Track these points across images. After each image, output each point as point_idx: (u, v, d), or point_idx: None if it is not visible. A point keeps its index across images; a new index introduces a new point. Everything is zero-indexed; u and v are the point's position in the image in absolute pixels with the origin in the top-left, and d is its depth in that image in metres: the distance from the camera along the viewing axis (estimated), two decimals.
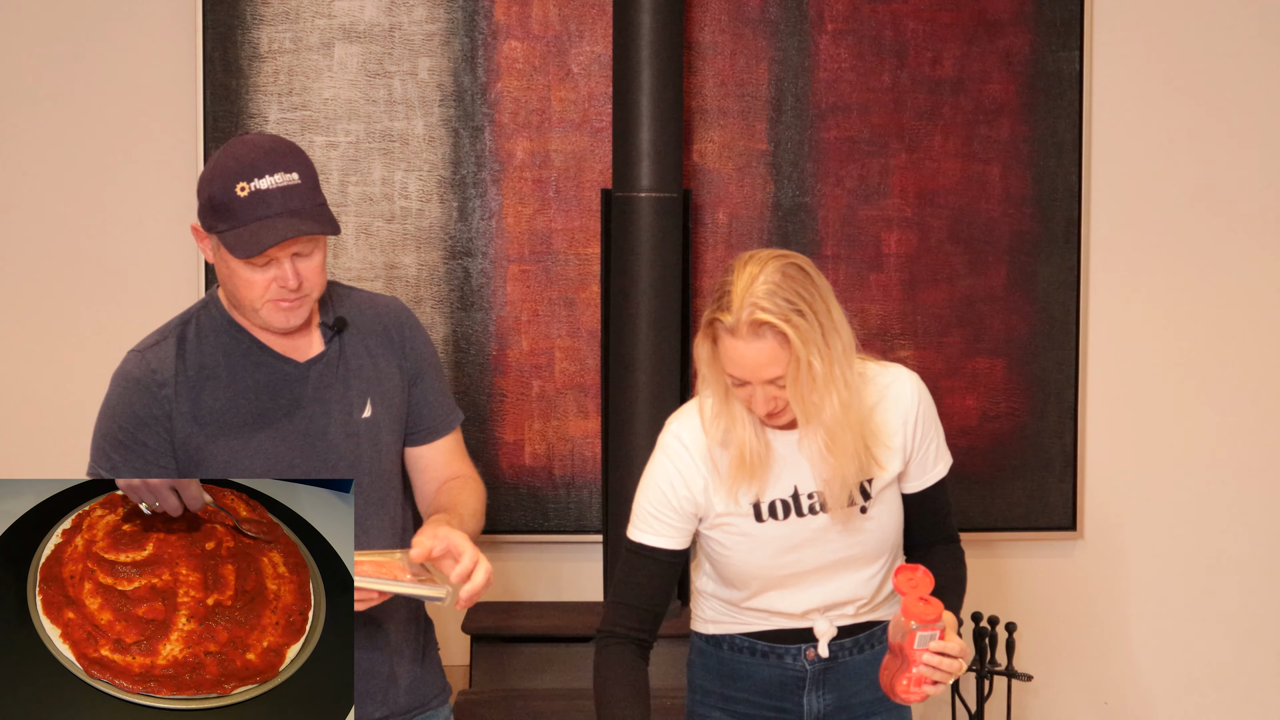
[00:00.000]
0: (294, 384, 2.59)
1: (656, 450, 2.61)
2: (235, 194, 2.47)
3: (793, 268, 2.48)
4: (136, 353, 2.62)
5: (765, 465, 2.54)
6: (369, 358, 2.66)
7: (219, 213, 2.49)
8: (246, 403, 2.57)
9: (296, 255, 2.51)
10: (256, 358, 2.59)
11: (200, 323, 2.62)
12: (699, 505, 2.58)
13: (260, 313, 2.54)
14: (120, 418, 2.58)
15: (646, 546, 2.59)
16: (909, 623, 2.42)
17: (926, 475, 2.64)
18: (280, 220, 2.47)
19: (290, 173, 2.50)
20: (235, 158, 2.49)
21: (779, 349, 2.43)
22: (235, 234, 2.47)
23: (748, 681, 2.67)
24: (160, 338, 2.62)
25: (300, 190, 2.49)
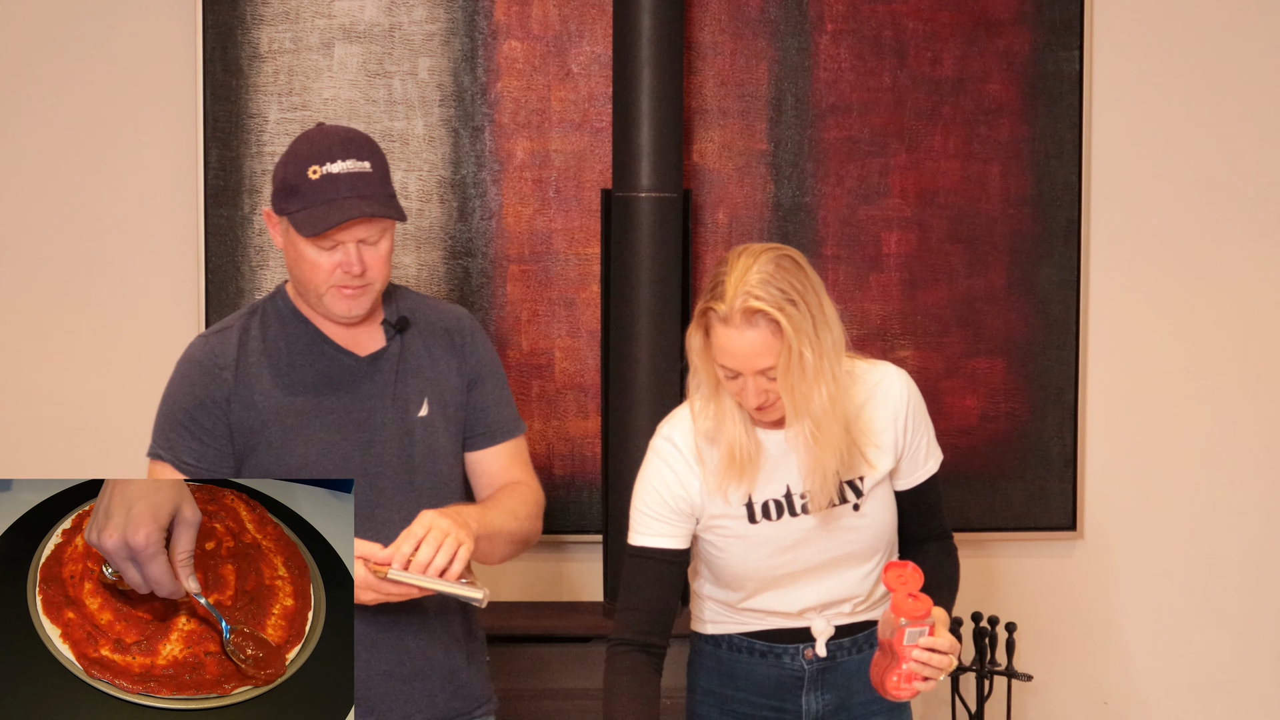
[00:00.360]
0: (353, 376, 2.65)
1: (649, 454, 2.62)
2: (307, 176, 2.55)
3: (786, 259, 2.49)
4: (202, 337, 2.69)
5: (755, 463, 2.55)
6: (429, 358, 2.70)
7: (290, 194, 2.57)
8: (304, 392, 2.62)
9: (362, 242, 2.58)
10: (318, 348, 2.65)
11: (266, 312, 2.69)
12: (694, 505, 2.59)
13: (324, 299, 2.60)
14: (181, 399, 2.64)
15: (648, 549, 2.60)
16: (898, 619, 2.42)
17: (918, 472, 2.65)
18: (347, 202, 2.54)
19: (362, 161, 2.58)
20: (310, 143, 2.59)
21: (771, 338, 2.44)
22: (304, 214, 2.55)
23: (746, 681, 2.67)
24: (226, 324, 2.69)
25: (370, 178, 2.57)
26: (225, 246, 3.85)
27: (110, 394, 3.89)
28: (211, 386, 2.61)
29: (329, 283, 2.58)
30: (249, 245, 3.85)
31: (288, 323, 2.66)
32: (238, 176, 3.85)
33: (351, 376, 2.64)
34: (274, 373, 2.63)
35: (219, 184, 3.85)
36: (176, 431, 2.63)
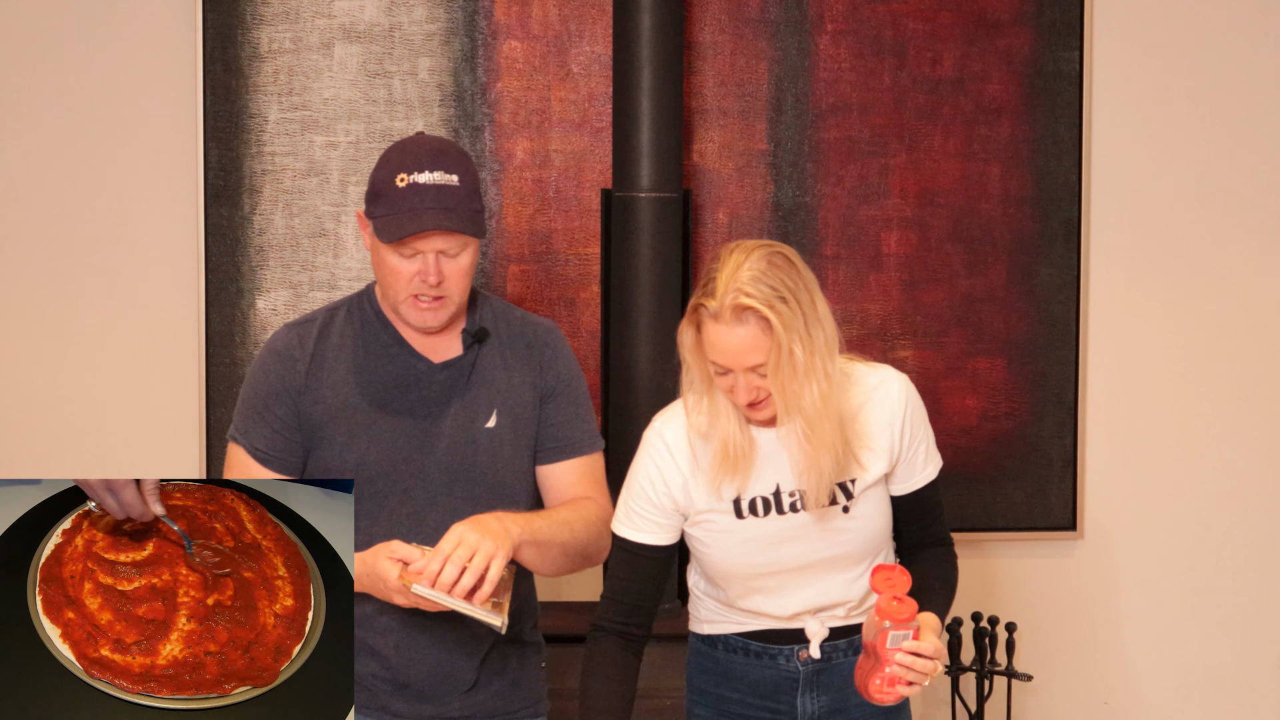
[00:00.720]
0: (423, 382, 2.67)
1: (641, 446, 2.63)
2: (394, 184, 2.58)
3: (778, 256, 2.49)
4: (286, 327, 2.73)
5: (749, 460, 2.55)
6: (504, 370, 2.71)
7: (377, 199, 2.60)
8: (373, 391, 2.65)
9: (442, 254, 2.59)
10: (393, 350, 2.67)
11: (351, 309, 2.72)
12: (679, 503, 2.59)
13: (401, 307, 2.63)
14: (258, 385, 2.68)
15: (631, 542, 2.62)
16: (882, 621, 2.41)
17: (915, 478, 2.64)
18: (428, 213, 2.57)
19: (451, 174, 2.60)
20: (402, 151, 2.62)
21: (761, 335, 2.44)
22: (385, 220, 2.58)
23: (741, 682, 2.67)
24: (311, 317, 2.72)
25: (457, 192, 2.59)
26: (225, 246, 3.85)
27: (110, 394, 3.89)
28: (287, 377, 2.65)
29: (407, 291, 2.61)
30: (249, 245, 3.85)
31: (369, 322, 2.69)
32: (238, 176, 3.85)
33: (422, 381, 2.66)
34: (347, 370, 2.66)
35: (219, 184, 3.85)
36: (252, 418, 2.67)
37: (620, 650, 2.61)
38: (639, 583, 2.62)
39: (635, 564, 2.62)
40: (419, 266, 2.59)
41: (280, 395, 2.65)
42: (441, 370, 2.67)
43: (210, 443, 3.85)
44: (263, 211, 3.86)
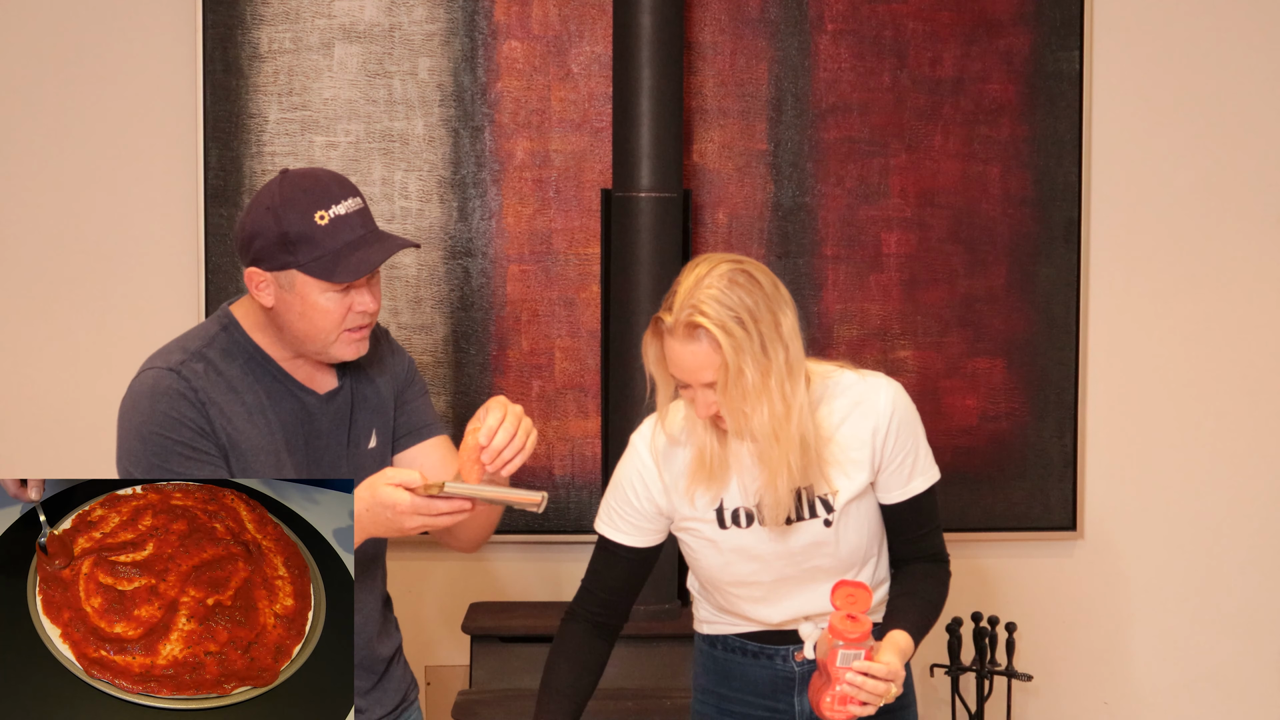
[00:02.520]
0: (314, 416, 2.58)
1: (627, 450, 2.65)
2: (315, 223, 2.44)
3: (741, 274, 2.44)
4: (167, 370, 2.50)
5: (724, 469, 2.53)
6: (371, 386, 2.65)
7: (296, 244, 2.44)
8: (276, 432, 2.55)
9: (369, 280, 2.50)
10: (285, 387, 2.56)
11: (223, 346, 2.55)
12: (662, 507, 2.59)
13: (333, 348, 2.51)
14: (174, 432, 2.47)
15: (608, 540, 2.63)
16: (834, 640, 2.39)
17: (904, 488, 2.59)
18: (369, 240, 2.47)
19: (356, 198, 2.51)
20: (298, 189, 2.46)
21: (712, 353, 2.42)
22: (323, 262, 2.44)
23: (741, 681, 2.67)
24: (184, 356, 2.52)
25: (367, 213, 2.51)
26: (225, 246, 3.85)
27: (110, 394, 3.87)
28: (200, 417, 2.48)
29: (340, 327, 2.49)
30: None
31: (252, 360, 2.55)
32: (238, 176, 3.85)
33: (313, 416, 2.58)
34: (247, 414, 2.53)
35: (219, 184, 3.85)
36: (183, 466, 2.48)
37: (588, 635, 2.62)
38: (616, 580, 2.64)
39: (613, 562, 2.63)
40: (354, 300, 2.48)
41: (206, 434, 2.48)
42: (328, 401, 2.59)
43: None
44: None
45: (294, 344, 2.53)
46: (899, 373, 3.90)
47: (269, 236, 2.45)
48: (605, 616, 2.63)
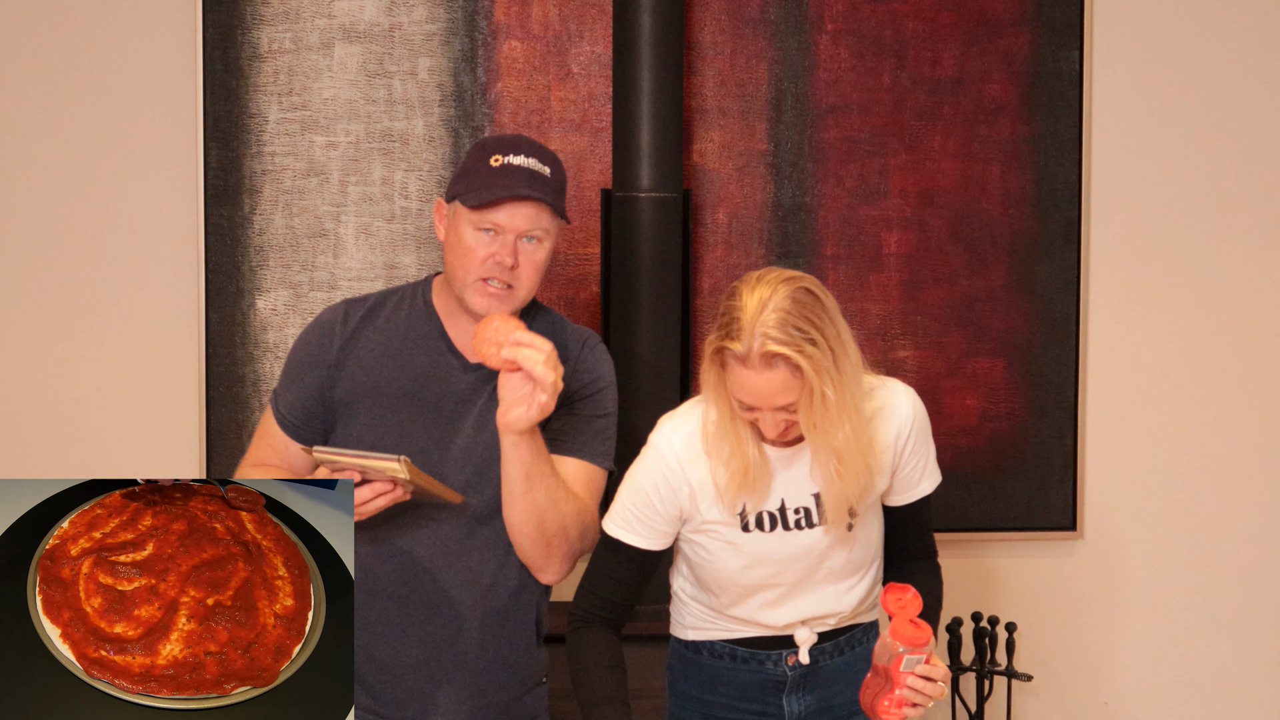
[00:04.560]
0: (452, 378, 2.67)
1: (647, 450, 2.60)
2: (488, 163, 2.62)
3: (803, 292, 2.42)
4: (341, 302, 2.76)
5: (766, 480, 2.54)
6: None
7: (466, 177, 2.63)
8: (404, 379, 2.67)
9: (521, 238, 2.60)
10: (430, 343, 2.69)
11: (404, 296, 2.75)
12: (684, 510, 2.58)
13: (468, 291, 2.62)
14: (297, 352, 2.74)
15: (622, 543, 2.60)
16: (897, 645, 2.41)
17: (912, 491, 2.62)
18: (520, 186, 2.58)
19: (544, 165, 2.64)
20: (499, 139, 2.66)
21: (791, 378, 2.40)
22: (473, 192, 2.60)
23: (728, 687, 2.66)
24: (365, 297, 2.76)
25: (548, 181, 2.63)
26: (225, 246, 3.85)
27: (110, 393, 3.89)
28: (321, 348, 2.69)
29: (478, 273, 2.60)
30: (249, 245, 3.85)
31: (417, 310, 2.71)
32: (238, 176, 3.85)
33: (451, 377, 2.67)
34: (382, 353, 2.68)
35: (219, 184, 3.85)
36: (285, 383, 2.73)
37: (609, 634, 2.61)
38: (624, 583, 2.61)
39: (623, 565, 2.61)
40: (496, 247, 2.59)
41: (312, 365, 2.69)
42: (473, 371, 2.67)
43: (210, 443, 3.84)
44: (263, 211, 3.86)
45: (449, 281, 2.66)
46: (899, 373, 3.90)
47: (456, 173, 2.67)
48: (613, 617, 2.62)
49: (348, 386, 2.67)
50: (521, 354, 2.47)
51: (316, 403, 2.69)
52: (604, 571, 2.62)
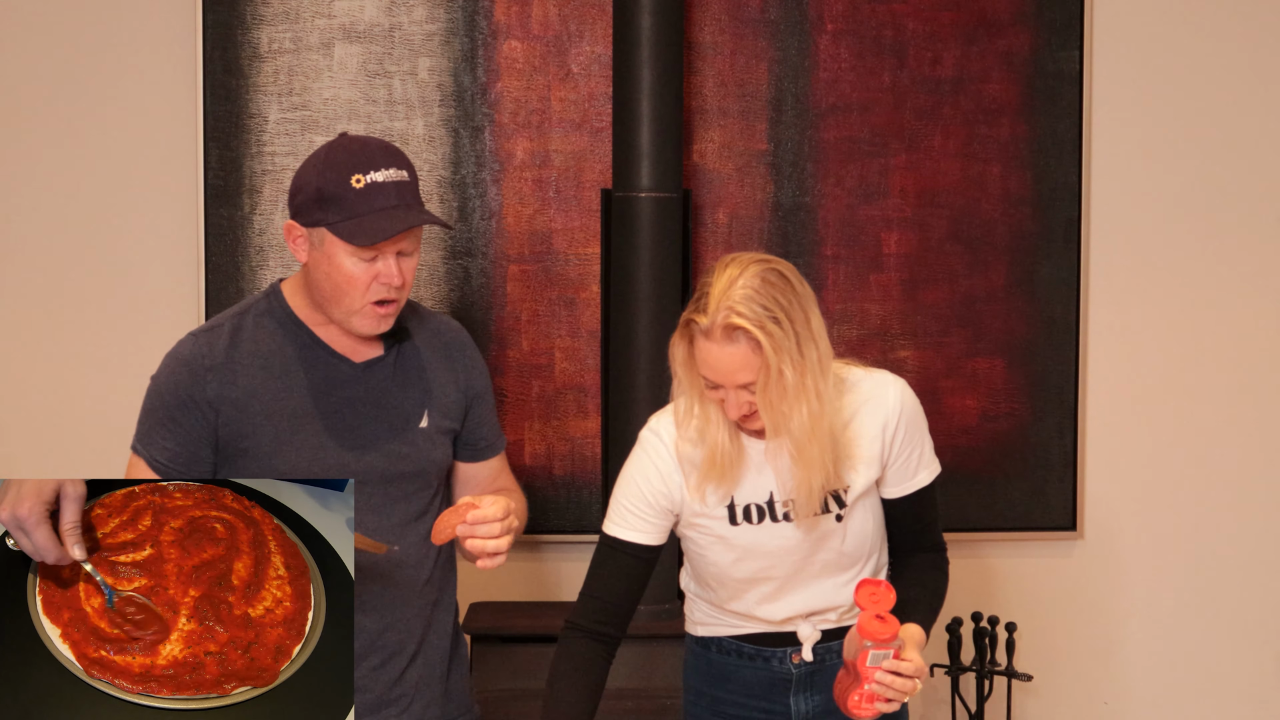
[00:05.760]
0: (348, 383, 2.61)
1: (636, 446, 2.62)
2: (350, 185, 2.49)
3: (773, 274, 2.46)
4: (191, 335, 2.61)
5: (736, 468, 2.54)
6: (428, 369, 2.67)
7: (329, 204, 2.50)
8: (297, 396, 2.58)
9: (400, 254, 2.53)
10: (313, 353, 2.60)
11: (260, 312, 2.62)
12: (675, 501, 2.58)
13: (354, 318, 2.55)
14: (165, 394, 2.57)
15: (620, 541, 2.60)
16: (863, 640, 2.40)
17: (908, 482, 2.62)
18: (398, 211, 2.50)
19: (401, 170, 2.54)
20: (346, 152, 2.52)
21: (752, 354, 2.43)
22: (350, 224, 2.49)
23: (736, 683, 2.67)
24: (216, 323, 2.62)
25: (410, 187, 2.54)
26: (225, 246, 3.85)
27: (110, 393, 3.89)
28: (194, 387, 2.55)
29: (365, 298, 2.52)
30: (249, 245, 3.86)
31: (283, 325, 2.60)
32: (238, 176, 3.85)
33: (347, 383, 2.60)
34: (267, 376, 2.57)
35: (219, 184, 3.85)
36: (156, 429, 2.57)
37: (592, 652, 2.58)
38: (622, 583, 2.60)
39: (621, 563, 2.60)
40: (379, 269, 2.51)
41: (188, 406, 2.55)
42: (363, 370, 2.61)
43: None
44: (263, 211, 3.86)
45: (322, 305, 2.57)
46: (899, 373, 3.89)
47: (308, 192, 2.52)
48: (607, 626, 2.59)
49: (239, 419, 2.55)
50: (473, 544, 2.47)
51: (202, 445, 2.55)
52: (603, 573, 2.62)
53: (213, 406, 2.55)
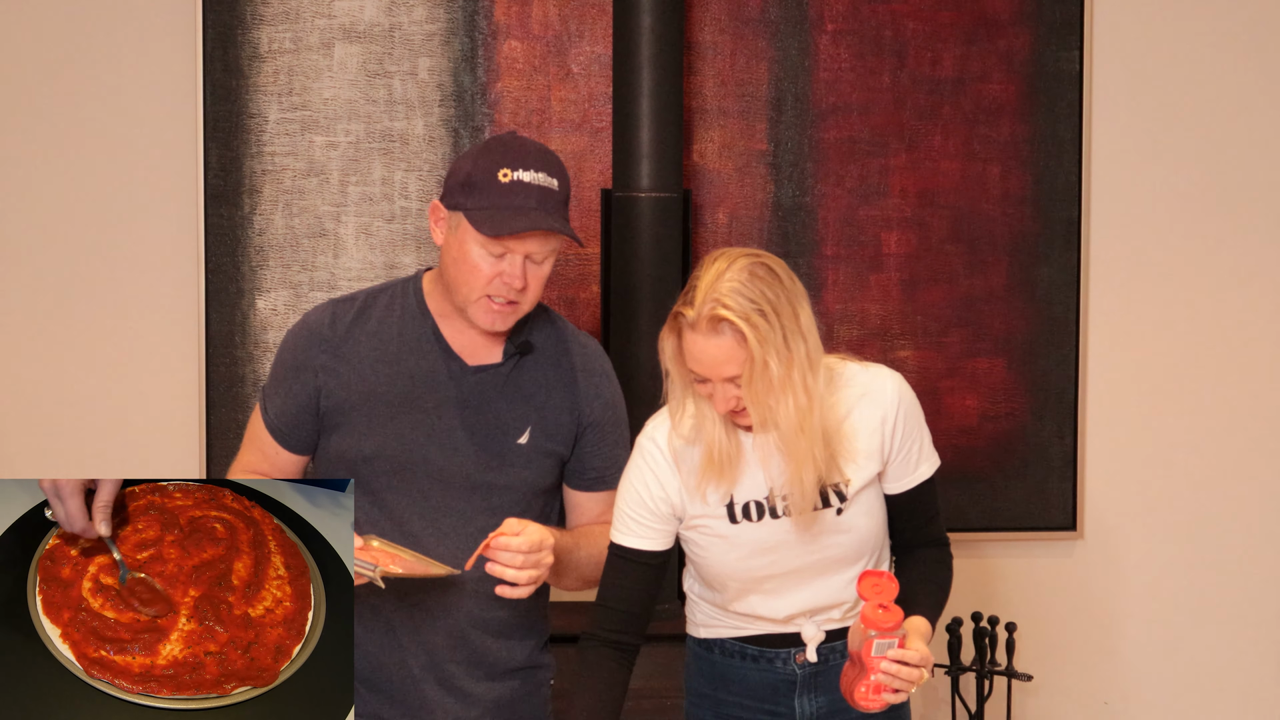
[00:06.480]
0: (453, 382, 2.61)
1: (634, 453, 2.62)
2: (496, 178, 2.51)
3: (761, 267, 2.47)
4: (329, 302, 2.67)
5: (735, 464, 2.54)
6: (544, 388, 2.66)
7: (472, 190, 2.52)
8: (400, 383, 2.59)
9: (529, 258, 2.53)
10: (428, 345, 2.61)
11: (394, 295, 2.66)
12: (675, 506, 2.58)
13: (471, 307, 2.56)
14: (284, 355, 2.65)
15: (628, 549, 2.60)
16: (867, 630, 2.40)
17: (909, 476, 2.62)
18: (535, 213, 2.51)
19: (552, 178, 2.55)
20: (504, 146, 2.56)
21: (736, 347, 2.43)
22: (484, 213, 2.51)
23: (739, 685, 2.67)
24: (353, 296, 2.67)
25: (556, 196, 2.54)
26: (225, 246, 3.85)
27: (110, 393, 3.89)
28: (309, 353, 2.61)
29: (483, 290, 2.53)
30: (249, 245, 3.86)
31: (409, 311, 2.63)
32: (238, 176, 3.85)
33: (452, 381, 2.60)
34: (377, 357, 2.60)
35: (219, 184, 3.85)
36: (273, 384, 2.65)
37: (611, 661, 2.59)
38: (634, 591, 2.60)
39: (630, 571, 2.60)
40: (504, 268, 2.51)
41: (297, 371, 2.61)
42: (474, 374, 2.61)
43: (210, 443, 3.85)
44: (263, 211, 3.86)
45: (448, 290, 2.59)
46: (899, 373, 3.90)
47: (459, 175, 2.55)
48: (625, 635, 2.59)
49: (340, 394, 2.59)
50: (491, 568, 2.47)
51: (305, 411, 2.61)
52: (615, 582, 2.62)
53: (319, 376, 2.60)
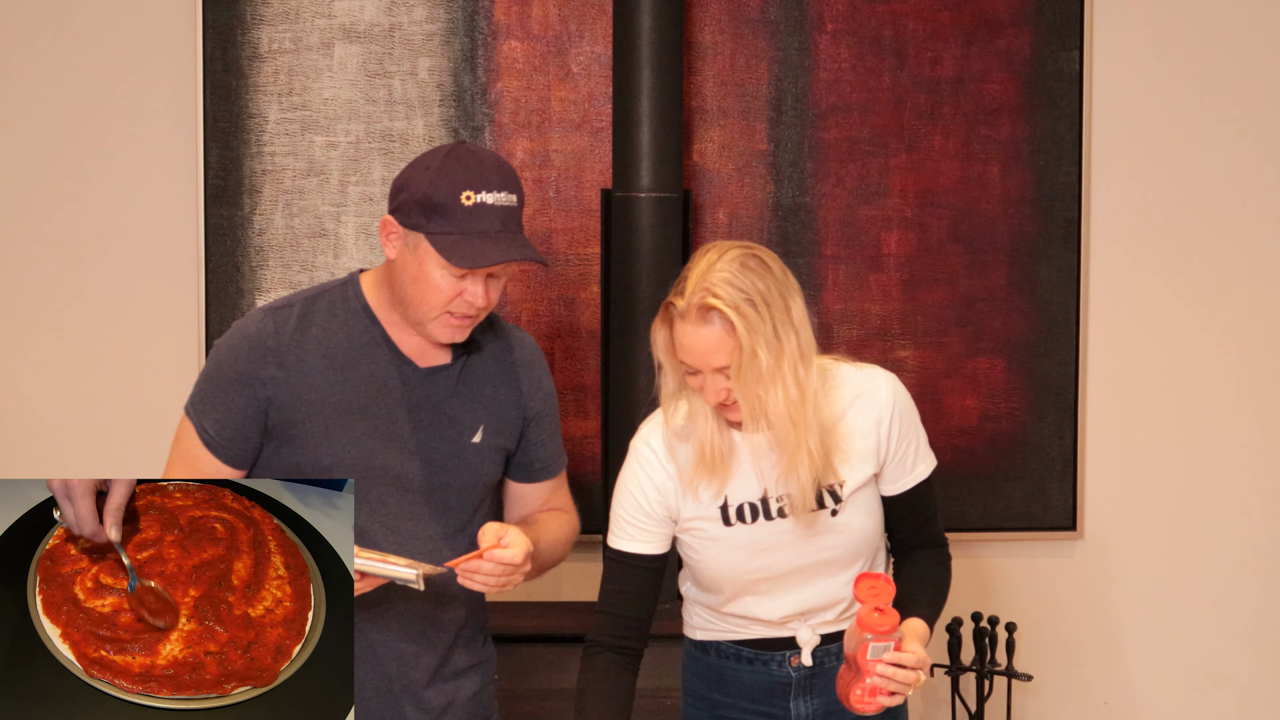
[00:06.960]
0: (407, 387, 2.58)
1: (628, 456, 2.62)
2: (459, 201, 2.47)
3: (752, 259, 2.47)
4: (263, 311, 2.58)
5: (727, 463, 2.53)
6: (491, 385, 2.65)
7: (433, 212, 2.47)
8: (354, 393, 2.55)
9: (491, 276, 2.51)
10: (378, 351, 2.57)
11: (334, 299, 2.60)
12: (670, 508, 2.58)
13: (430, 324, 2.53)
14: (224, 366, 2.56)
15: (625, 553, 2.60)
16: (862, 633, 2.40)
17: (906, 477, 2.62)
18: (502, 238, 2.48)
19: (512, 194, 2.51)
20: (462, 165, 2.49)
21: (725, 336, 2.43)
22: (451, 240, 2.46)
23: (736, 687, 2.66)
24: (288, 303, 2.59)
25: (516, 213, 2.52)
26: (225, 246, 3.85)
27: (110, 394, 3.89)
28: (252, 365, 2.53)
29: (443, 308, 2.51)
30: (249, 245, 3.86)
31: (354, 316, 2.58)
32: (238, 176, 3.85)
33: (407, 385, 2.58)
34: (327, 365, 2.55)
35: (219, 184, 3.85)
36: (209, 398, 2.55)
37: (615, 667, 2.59)
38: (634, 595, 2.60)
39: (629, 575, 2.60)
40: (467, 286, 2.49)
41: (243, 384, 2.53)
42: (426, 376, 2.59)
43: None
44: (263, 211, 3.86)
45: (400, 305, 2.55)
46: (899, 373, 3.89)
47: (415, 194, 2.49)
48: (627, 640, 2.60)
49: (291, 406, 2.53)
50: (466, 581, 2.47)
51: (250, 425, 2.53)
52: (614, 587, 2.61)
53: (266, 389, 2.53)
